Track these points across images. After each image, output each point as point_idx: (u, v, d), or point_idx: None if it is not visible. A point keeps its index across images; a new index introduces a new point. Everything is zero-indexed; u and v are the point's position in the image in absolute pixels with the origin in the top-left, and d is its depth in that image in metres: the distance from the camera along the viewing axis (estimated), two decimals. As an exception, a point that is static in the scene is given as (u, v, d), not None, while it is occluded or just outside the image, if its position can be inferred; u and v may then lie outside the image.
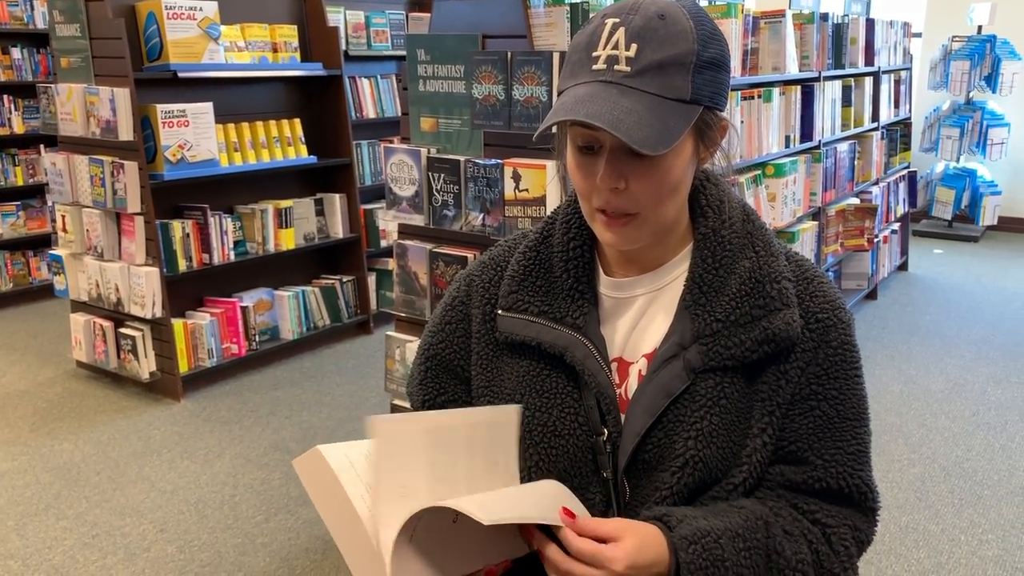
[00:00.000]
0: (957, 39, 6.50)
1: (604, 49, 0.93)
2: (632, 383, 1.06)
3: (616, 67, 0.92)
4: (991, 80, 6.38)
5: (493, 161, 2.45)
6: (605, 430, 1.04)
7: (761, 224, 1.09)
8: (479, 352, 1.14)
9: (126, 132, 3.53)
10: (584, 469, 1.05)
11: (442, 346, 1.18)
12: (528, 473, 1.06)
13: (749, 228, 1.08)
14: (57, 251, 4.05)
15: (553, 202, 2.33)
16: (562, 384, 1.07)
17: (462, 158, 2.53)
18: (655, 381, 1.02)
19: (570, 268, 1.09)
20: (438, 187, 2.59)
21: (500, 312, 1.11)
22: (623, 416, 1.05)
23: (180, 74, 3.64)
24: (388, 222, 4.74)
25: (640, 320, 1.08)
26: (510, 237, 1.21)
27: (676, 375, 1.01)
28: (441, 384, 1.19)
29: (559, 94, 0.98)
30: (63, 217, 3.96)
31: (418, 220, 2.67)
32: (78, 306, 4.10)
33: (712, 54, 0.95)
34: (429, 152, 2.61)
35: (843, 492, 1.04)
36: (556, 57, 2.29)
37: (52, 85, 3.83)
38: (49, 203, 5.36)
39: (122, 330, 3.86)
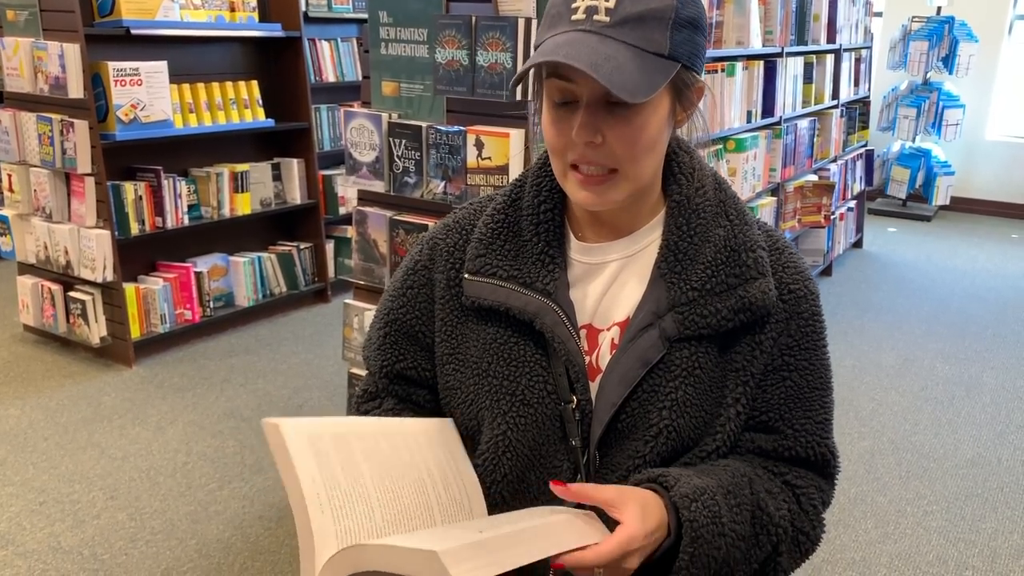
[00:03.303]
0: (916, 20, 6.57)
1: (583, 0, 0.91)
2: (604, 351, 1.05)
3: (595, 17, 0.91)
4: (948, 61, 6.47)
5: (456, 128, 2.42)
6: (575, 398, 1.03)
7: (733, 193, 1.09)
8: (443, 318, 1.11)
9: (76, 90, 3.42)
10: (552, 437, 1.04)
11: (403, 311, 1.15)
12: (495, 443, 1.05)
13: (721, 196, 1.07)
14: (3, 211, 3.93)
15: (516, 171, 2.31)
16: (530, 351, 1.05)
17: (424, 124, 2.49)
18: (631, 350, 1.01)
19: (540, 231, 1.07)
20: (399, 153, 2.55)
21: (467, 276, 1.08)
22: (593, 384, 1.04)
23: (133, 31, 3.53)
24: (347, 188, 4.68)
25: (611, 287, 1.06)
26: (475, 200, 1.18)
27: (652, 344, 1.00)
28: (401, 350, 1.15)
29: (535, 48, 0.96)
30: (9, 176, 3.84)
31: (378, 187, 2.63)
32: (25, 268, 3.99)
33: (690, 13, 0.95)
34: (390, 117, 2.56)
35: (811, 460, 1.06)
36: (521, 23, 2.25)
37: (-2, 38, 3.69)
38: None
39: (72, 294, 3.77)
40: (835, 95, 4.92)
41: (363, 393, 1.22)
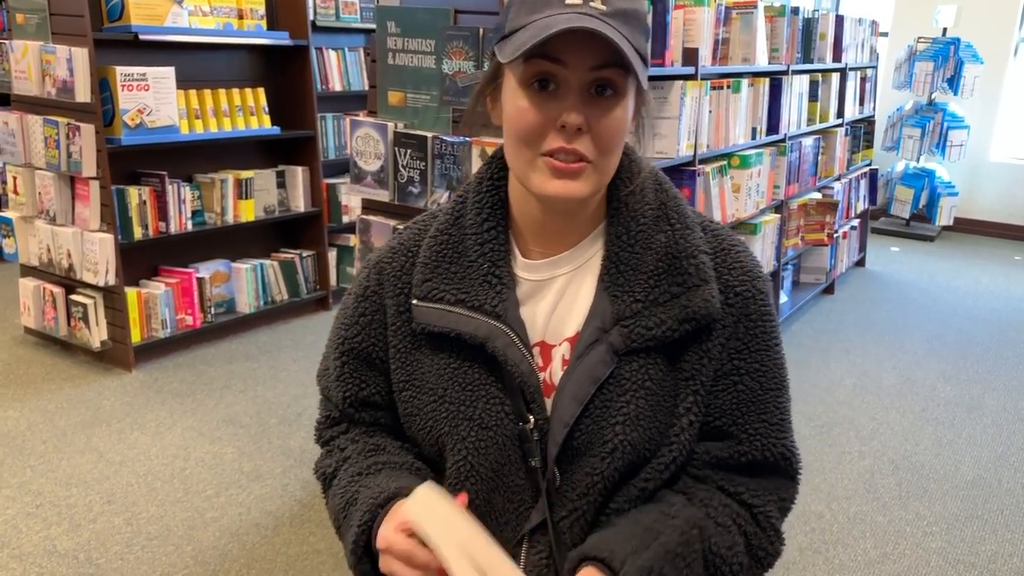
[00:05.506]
0: (922, 40, 6.59)
1: None
2: (556, 368, 1.04)
3: (591, 3, 0.90)
4: (953, 82, 6.48)
5: (461, 139, 2.42)
6: (531, 418, 1.01)
7: (675, 194, 1.07)
8: (395, 345, 1.09)
9: (83, 93, 3.43)
10: (513, 458, 1.03)
11: (359, 339, 1.11)
12: (457, 468, 1.04)
13: (662, 198, 1.05)
14: (7, 213, 3.93)
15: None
16: (485, 375, 1.03)
17: (429, 134, 2.49)
18: (580, 368, 1.00)
19: (485, 251, 1.04)
20: (404, 163, 2.56)
21: (415, 302, 1.05)
22: (549, 402, 1.02)
23: (141, 36, 3.54)
24: (351, 197, 4.69)
25: (560, 302, 1.05)
26: (418, 218, 1.15)
27: (600, 360, 0.99)
28: (362, 378, 1.13)
29: (512, 32, 0.93)
30: (14, 179, 3.85)
31: (382, 196, 2.63)
32: (28, 271, 3.99)
33: (649, 28, 0.97)
34: (396, 127, 2.57)
35: (769, 461, 1.05)
36: (528, 36, 2.26)
37: (6, 42, 3.70)
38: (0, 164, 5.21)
39: (73, 297, 3.77)
40: (840, 114, 4.93)
41: (325, 419, 1.20)
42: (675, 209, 1.05)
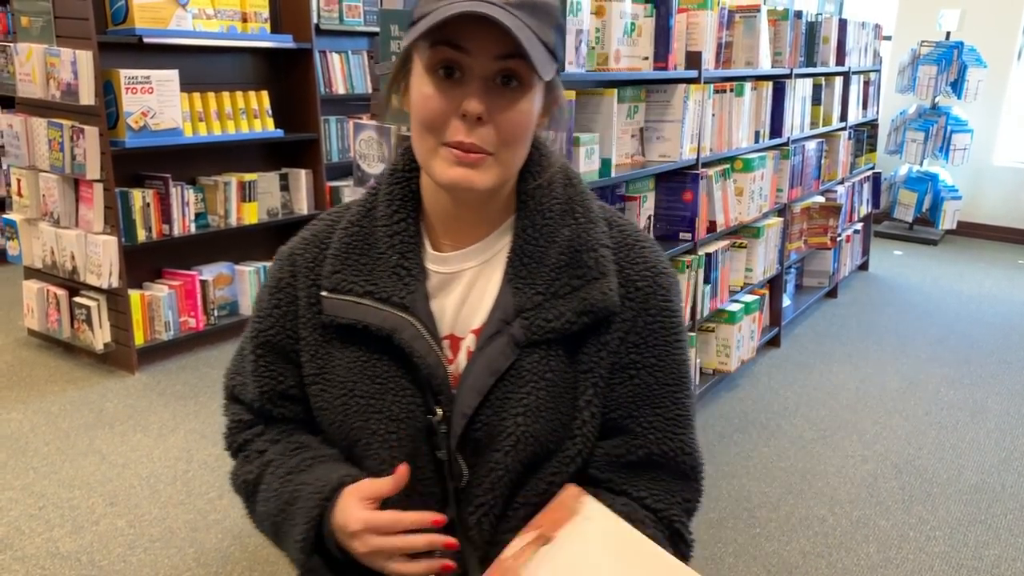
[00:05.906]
0: (926, 44, 6.59)
1: None
2: (462, 360, 1.04)
3: None
4: (957, 86, 6.48)
5: (464, 142, 2.42)
6: (439, 410, 1.01)
7: (582, 189, 1.08)
8: (306, 337, 1.08)
9: (87, 96, 3.43)
10: (423, 450, 1.03)
11: (273, 332, 1.11)
12: (370, 463, 1.04)
13: (570, 193, 1.06)
14: (11, 215, 3.95)
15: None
16: (394, 367, 1.03)
17: (432, 137, 2.49)
18: (480, 359, 1.00)
19: (395, 243, 1.04)
20: (407, 166, 2.55)
21: (324, 294, 1.05)
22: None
23: (145, 39, 3.55)
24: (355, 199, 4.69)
25: (469, 295, 1.05)
26: (332, 209, 1.15)
27: (501, 352, 1.00)
28: (279, 371, 1.11)
29: (420, 17, 0.92)
30: (18, 181, 3.86)
31: (385, 199, 2.63)
32: (31, 273, 4.00)
33: (562, 23, 0.96)
34: (399, 130, 2.57)
35: (665, 456, 1.05)
36: (532, 39, 2.26)
37: (11, 44, 3.72)
38: (4, 166, 5.22)
39: (77, 299, 3.78)
40: (843, 117, 4.93)
41: (236, 423, 1.18)
42: (581, 203, 1.05)
